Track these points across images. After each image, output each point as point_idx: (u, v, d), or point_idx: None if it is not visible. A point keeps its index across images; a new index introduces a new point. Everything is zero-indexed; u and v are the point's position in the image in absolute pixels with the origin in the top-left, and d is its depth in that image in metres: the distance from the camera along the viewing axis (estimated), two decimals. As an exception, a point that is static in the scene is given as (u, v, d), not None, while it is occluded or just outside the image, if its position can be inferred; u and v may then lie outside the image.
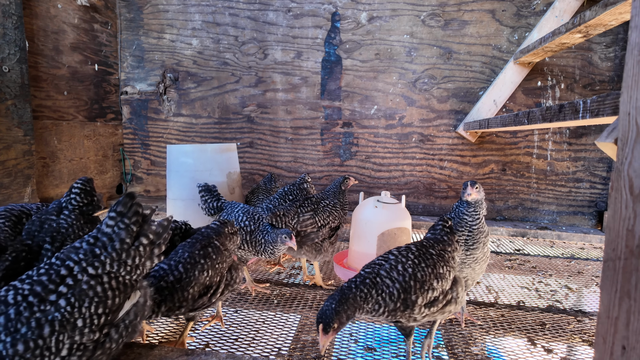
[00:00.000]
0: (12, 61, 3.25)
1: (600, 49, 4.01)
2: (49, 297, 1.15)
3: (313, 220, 2.56)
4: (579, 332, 2.18)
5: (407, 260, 1.60)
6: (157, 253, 1.44)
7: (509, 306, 2.48)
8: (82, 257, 1.26)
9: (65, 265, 1.23)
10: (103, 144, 4.61)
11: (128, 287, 1.32)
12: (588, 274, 3.06)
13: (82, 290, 1.20)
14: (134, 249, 1.35)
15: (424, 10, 4.29)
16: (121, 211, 1.35)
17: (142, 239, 1.38)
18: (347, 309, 1.44)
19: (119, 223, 1.34)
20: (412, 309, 1.54)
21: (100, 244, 1.31)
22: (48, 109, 3.82)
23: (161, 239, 1.45)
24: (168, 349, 1.54)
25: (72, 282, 1.20)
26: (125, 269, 1.32)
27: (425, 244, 1.74)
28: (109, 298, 1.25)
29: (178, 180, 3.03)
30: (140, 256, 1.37)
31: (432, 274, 1.59)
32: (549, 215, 4.31)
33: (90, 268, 1.25)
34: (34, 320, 1.10)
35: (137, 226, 1.37)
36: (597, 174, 4.16)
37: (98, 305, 1.21)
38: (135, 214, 1.37)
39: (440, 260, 1.67)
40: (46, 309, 1.13)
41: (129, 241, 1.34)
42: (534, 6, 4.08)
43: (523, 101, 4.21)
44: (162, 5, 4.72)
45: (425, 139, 4.44)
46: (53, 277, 1.19)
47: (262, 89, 4.67)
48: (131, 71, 4.86)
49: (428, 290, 1.56)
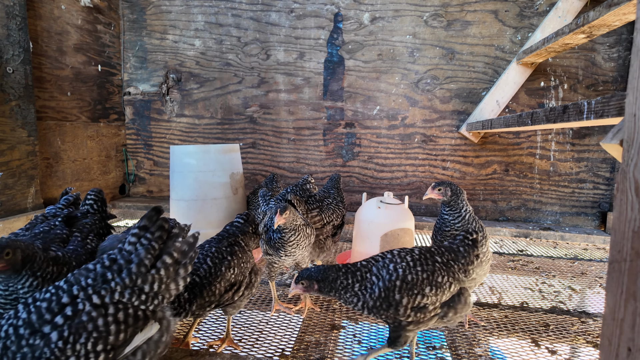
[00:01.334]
0: (17, 62, 3.27)
1: (603, 49, 4.00)
2: (42, 329, 1.03)
3: (320, 217, 2.59)
4: (583, 333, 2.17)
5: (402, 262, 1.59)
6: (183, 274, 1.28)
7: (512, 307, 2.47)
8: (90, 283, 1.14)
9: (69, 291, 1.11)
10: (106, 144, 4.62)
11: (140, 320, 1.16)
12: (592, 275, 3.06)
13: (81, 322, 1.06)
14: (153, 273, 1.20)
15: (426, 11, 4.28)
16: (145, 226, 1.23)
17: (165, 257, 1.23)
18: (323, 286, 1.54)
19: (142, 239, 1.22)
20: (396, 309, 1.52)
21: (116, 267, 1.18)
22: (52, 109, 3.83)
23: (187, 258, 1.29)
24: (172, 349, 1.54)
25: (71, 312, 1.07)
26: (139, 297, 1.17)
27: (433, 250, 1.71)
28: (111, 333, 1.09)
29: (181, 181, 3.03)
30: (160, 280, 1.21)
31: (427, 280, 1.56)
32: (552, 216, 4.30)
33: (96, 296, 1.11)
34: (20, 356, 0.98)
35: (159, 243, 1.23)
36: (600, 174, 4.15)
37: (97, 341, 1.06)
38: (160, 229, 1.24)
39: (444, 269, 1.62)
40: (34, 343, 1.00)
41: (148, 263, 1.20)
42: (536, 7, 4.07)
43: (526, 102, 4.20)
44: (165, 6, 4.73)
45: (427, 140, 4.44)
46: (52, 305, 1.07)
47: (265, 89, 4.67)
48: (134, 72, 4.88)
49: (417, 295, 1.53)
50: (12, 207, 3.28)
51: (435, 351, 1.97)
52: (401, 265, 1.57)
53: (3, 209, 3.20)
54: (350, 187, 4.63)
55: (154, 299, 1.20)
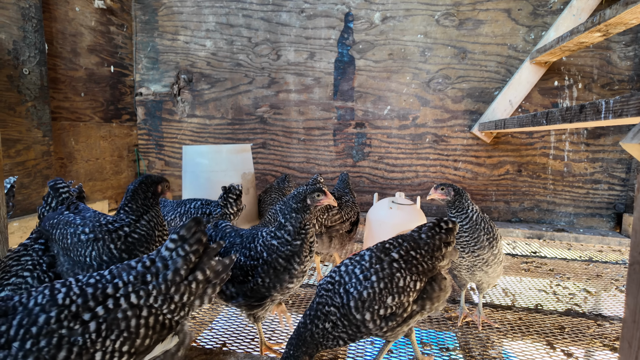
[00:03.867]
0: (32, 64, 3.32)
1: (619, 47, 3.94)
2: (83, 315, 1.03)
3: (340, 215, 2.63)
4: (599, 336, 2.13)
5: (352, 279, 1.47)
6: (210, 293, 1.23)
7: (526, 309, 2.44)
8: (132, 280, 1.14)
9: (113, 282, 1.12)
10: (118, 144, 4.67)
11: (165, 329, 1.16)
12: (607, 277, 3.01)
13: (116, 319, 1.06)
14: (185, 284, 1.18)
15: (438, 10, 4.26)
16: (183, 236, 1.20)
17: (197, 273, 1.20)
18: (312, 351, 1.43)
19: (179, 249, 1.19)
20: (366, 327, 1.45)
21: (154, 269, 1.17)
22: (66, 110, 3.88)
23: (218, 279, 1.25)
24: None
25: (113, 305, 1.07)
26: (169, 306, 1.16)
27: (388, 246, 1.58)
28: (139, 336, 1.08)
29: (194, 181, 3.05)
30: (190, 293, 1.18)
31: (385, 290, 1.44)
32: (566, 217, 4.24)
33: (134, 295, 1.11)
34: (57, 337, 0.98)
35: (196, 256, 1.20)
36: (615, 175, 4.08)
37: (125, 341, 1.05)
38: (197, 242, 1.20)
39: (403, 268, 1.50)
40: (73, 327, 1.00)
41: (183, 273, 1.18)
42: (550, 5, 4.02)
43: (539, 101, 4.15)
44: (177, 7, 4.76)
45: (439, 140, 4.41)
46: (97, 293, 1.08)
47: (275, 89, 4.68)
48: (146, 73, 4.92)
49: (379, 309, 1.43)
50: (27, 206, 3.33)
51: (448, 353, 1.95)
52: (351, 284, 1.45)
53: (19, 208, 3.25)
54: (360, 188, 4.62)
55: (180, 311, 1.18)
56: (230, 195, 2.49)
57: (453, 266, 2.14)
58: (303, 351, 1.41)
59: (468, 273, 2.11)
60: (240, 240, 1.78)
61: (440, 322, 2.28)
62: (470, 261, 2.04)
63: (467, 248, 2.01)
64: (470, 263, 2.05)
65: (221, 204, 2.49)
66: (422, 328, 2.20)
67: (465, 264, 2.07)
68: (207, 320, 2.24)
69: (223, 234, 1.89)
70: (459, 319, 2.24)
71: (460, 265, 2.10)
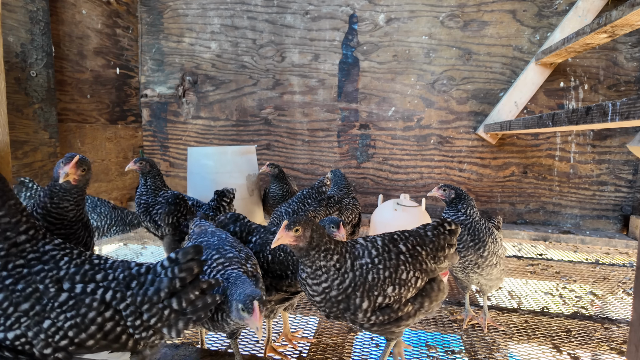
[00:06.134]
0: (40, 66, 3.34)
1: (625, 48, 3.91)
2: (63, 283, 1.13)
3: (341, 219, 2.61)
4: (606, 339, 2.12)
5: (371, 253, 1.48)
6: (181, 327, 1.20)
7: (532, 312, 2.43)
8: (120, 279, 1.18)
9: (106, 272, 1.18)
10: (124, 146, 4.70)
11: (119, 341, 1.15)
12: (614, 280, 2.98)
13: (81, 301, 1.11)
14: (159, 307, 1.16)
15: (442, 11, 4.25)
16: (177, 259, 1.19)
17: (173, 300, 1.16)
18: (314, 238, 1.39)
19: (168, 269, 1.18)
20: (354, 314, 1.43)
21: (142, 279, 1.18)
22: (72, 112, 3.91)
23: (195, 315, 1.19)
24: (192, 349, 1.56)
25: (90, 290, 1.14)
26: (134, 321, 1.15)
27: (396, 237, 1.58)
28: (87, 331, 1.10)
29: (199, 182, 3.06)
30: (160, 318, 1.16)
31: (390, 279, 1.44)
32: (572, 219, 4.21)
33: (110, 293, 1.14)
34: (31, 289, 1.10)
35: (181, 283, 1.17)
36: (622, 177, 4.05)
37: (73, 326, 1.10)
38: (188, 270, 1.17)
39: (408, 262, 1.50)
40: (49, 290, 1.11)
41: (162, 295, 1.16)
42: (555, 6, 4.00)
43: (545, 102, 4.13)
44: (182, 10, 4.79)
45: (444, 141, 4.40)
46: (88, 273, 1.16)
47: (280, 91, 4.69)
48: (151, 74, 4.95)
49: (378, 297, 1.42)
50: (34, 207, 3.35)
51: (454, 355, 1.95)
52: (372, 257, 1.46)
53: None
54: (364, 189, 4.62)
55: (144, 331, 1.16)
56: (224, 199, 2.51)
57: (451, 268, 2.14)
58: (313, 229, 1.40)
59: (463, 275, 2.13)
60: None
61: (446, 324, 2.27)
62: (461, 262, 2.06)
63: (470, 250, 2.02)
64: (461, 265, 2.08)
65: (213, 207, 2.50)
66: (428, 330, 2.20)
67: (458, 266, 2.10)
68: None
69: (248, 229, 1.91)
70: (464, 322, 2.24)
71: (455, 267, 2.12)
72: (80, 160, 1.58)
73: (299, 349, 1.96)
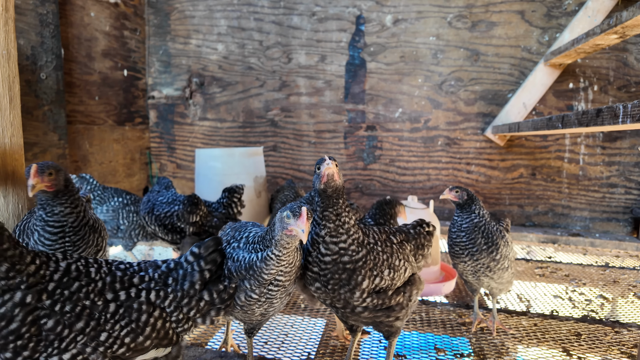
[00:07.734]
0: (49, 68, 3.38)
1: (636, 49, 3.87)
2: (106, 294, 1.11)
3: None
4: (617, 343, 2.09)
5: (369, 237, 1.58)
6: (213, 315, 1.29)
7: (541, 315, 2.40)
8: (156, 278, 1.21)
9: (140, 274, 1.19)
10: (131, 147, 4.73)
11: (167, 338, 1.20)
12: (624, 283, 2.95)
13: (130, 307, 1.13)
14: (196, 299, 1.24)
15: (450, 12, 4.23)
16: (199, 254, 1.26)
17: (204, 293, 1.25)
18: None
19: (195, 263, 1.25)
20: (352, 291, 1.46)
21: (175, 275, 1.23)
22: (81, 113, 3.94)
23: (223, 305, 1.29)
24: (202, 350, 1.56)
25: (134, 294, 1.15)
26: (177, 315, 1.22)
27: (387, 230, 1.70)
28: (144, 334, 1.14)
29: (207, 184, 3.07)
30: (197, 309, 1.24)
31: (387, 262, 1.53)
32: (581, 221, 4.17)
33: (153, 293, 1.18)
34: (79, 307, 1.06)
35: (210, 275, 1.26)
36: (632, 179, 4.01)
37: (129, 333, 1.12)
38: (212, 262, 1.26)
39: (399, 251, 1.62)
40: (95, 303, 1.08)
41: (197, 288, 1.24)
42: (565, 6, 3.97)
43: (554, 104, 4.10)
44: (189, 11, 4.81)
45: (451, 143, 4.38)
46: (125, 278, 1.15)
47: (286, 93, 4.70)
48: (158, 76, 4.98)
49: (376, 277, 1.49)
50: (43, 208, 3.38)
51: (463, 358, 1.93)
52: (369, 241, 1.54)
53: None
54: (371, 191, 4.60)
55: (184, 323, 1.23)
56: (235, 195, 2.52)
57: (461, 271, 2.13)
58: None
59: (474, 278, 2.11)
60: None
61: (454, 327, 2.25)
62: (473, 266, 2.04)
63: (465, 251, 2.02)
64: (472, 268, 2.05)
65: (225, 205, 2.51)
66: (436, 333, 2.18)
67: (469, 269, 2.08)
68: (220, 322, 2.25)
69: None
70: (473, 325, 2.22)
71: (465, 270, 2.10)
72: (40, 167, 1.49)
73: (307, 351, 1.96)
